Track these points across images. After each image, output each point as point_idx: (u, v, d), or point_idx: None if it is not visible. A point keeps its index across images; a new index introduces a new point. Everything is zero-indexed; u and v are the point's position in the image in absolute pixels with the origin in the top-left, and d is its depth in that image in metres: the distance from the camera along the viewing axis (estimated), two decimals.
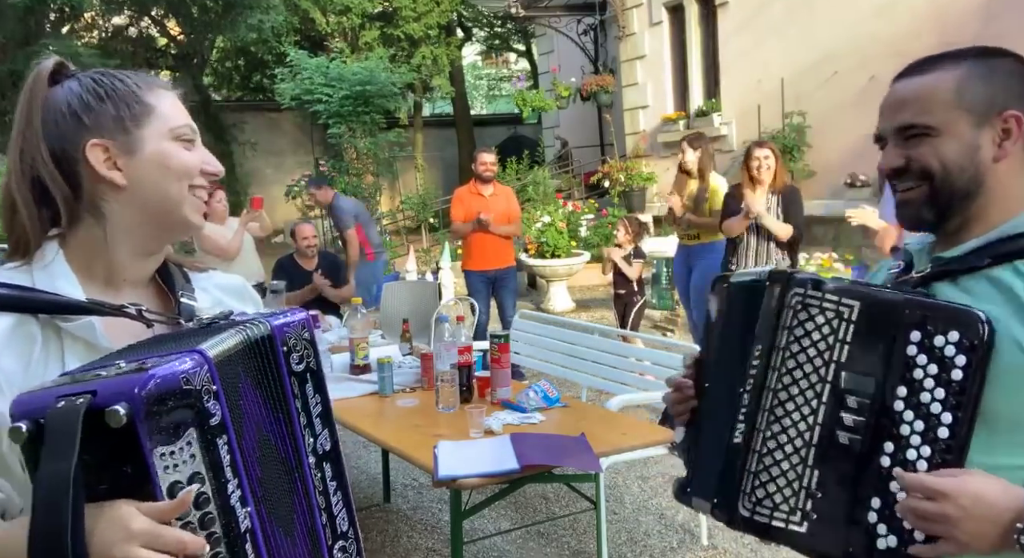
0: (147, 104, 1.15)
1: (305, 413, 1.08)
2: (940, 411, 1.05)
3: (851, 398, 1.10)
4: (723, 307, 1.30)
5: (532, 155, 14.22)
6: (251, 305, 1.32)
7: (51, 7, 13.77)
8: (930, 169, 1.15)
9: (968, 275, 1.14)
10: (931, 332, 1.07)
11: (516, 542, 3.69)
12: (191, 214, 1.16)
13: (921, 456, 1.06)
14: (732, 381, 1.20)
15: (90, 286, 1.12)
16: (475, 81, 30.40)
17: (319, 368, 1.10)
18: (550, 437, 2.78)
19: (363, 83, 11.92)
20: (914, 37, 7.47)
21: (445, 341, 3.28)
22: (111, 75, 1.17)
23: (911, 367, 1.07)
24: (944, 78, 1.16)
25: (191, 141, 1.17)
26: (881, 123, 1.21)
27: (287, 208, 14.61)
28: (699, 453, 1.28)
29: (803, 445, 1.11)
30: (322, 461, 1.09)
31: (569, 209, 10.36)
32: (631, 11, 11.78)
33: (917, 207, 1.17)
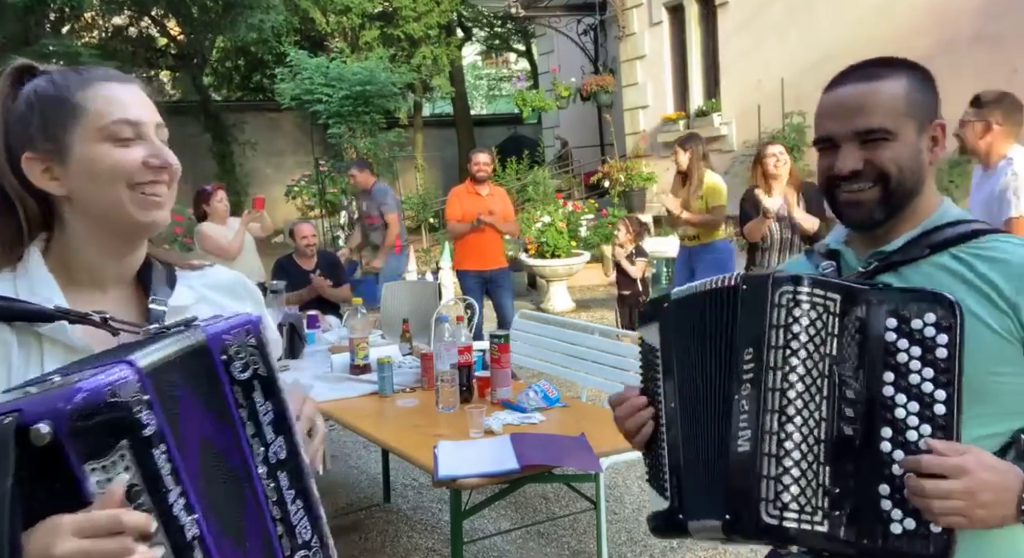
0: (74, 105, 1.10)
1: (253, 422, 1.04)
2: (932, 390, 1.09)
3: (847, 390, 1.12)
4: (671, 326, 1.28)
5: (532, 155, 14.22)
6: (249, 302, 1.30)
7: (51, 7, 13.76)
8: (888, 172, 1.22)
9: (908, 265, 1.24)
10: (907, 317, 1.11)
11: (516, 542, 3.69)
12: (138, 214, 1.11)
13: (922, 435, 1.08)
14: (717, 391, 1.18)
15: (75, 288, 1.13)
16: (475, 81, 30.40)
17: (270, 373, 1.05)
18: (550, 437, 2.77)
19: (363, 83, 11.92)
20: (914, 37, 7.47)
21: (445, 341, 3.28)
22: (52, 76, 1.13)
23: (893, 352, 1.11)
24: (895, 86, 1.24)
25: (128, 138, 1.11)
26: (831, 126, 1.25)
27: (287, 208, 14.60)
28: (686, 474, 1.23)
29: (814, 442, 1.10)
30: (275, 470, 1.05)
31: (569, 209, 10.36)
32: (631, 11, 11.78)
33: (870, 208, 1.24)
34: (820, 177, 1.30)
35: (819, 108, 1.28)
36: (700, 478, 1.20)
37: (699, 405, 1.22)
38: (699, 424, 1.22)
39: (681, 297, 1.28)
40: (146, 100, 1.16)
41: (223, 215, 5.74)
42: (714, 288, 1.22)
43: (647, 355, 1.34)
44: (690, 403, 1.24)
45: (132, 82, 1.16)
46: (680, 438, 1.25)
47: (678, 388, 1.27)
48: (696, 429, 1.22)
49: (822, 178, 1.29)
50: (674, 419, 1.26)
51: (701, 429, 1.21)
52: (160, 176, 1.13)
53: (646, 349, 1.34)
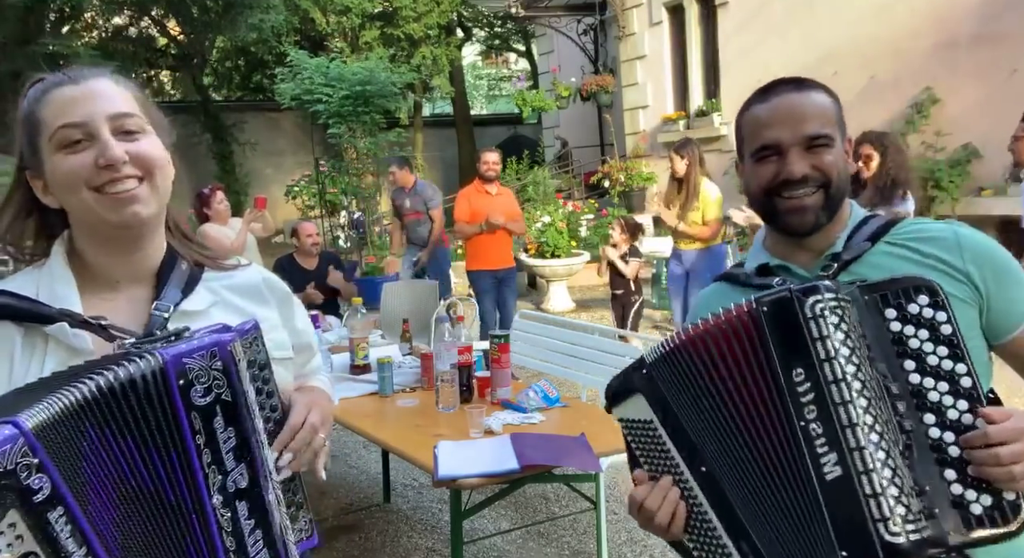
0: (37, 119, 1.11)
1: (210, 450, 1.00)
2: (952, 366, 1.09)
3: (891, 385, 1.09)
4: (663, 390, 1.19)
5: (532, 155, 14.22)
6: (274, 302, 1.29)
7: (51, 7, 13.76)
8: (831, 176, 1.27)
9: (856, 262, 1.27)
10: (902, 304, 1.12)
11: (516, 542, 3.69)
12: (108, 214, 1.10)
13: (961, 411, 1.08)
14: (769, 426, 1.10)
15: (93, 287, 1.14)
16: (475, 81, 30.40)
17: (236, 398, 1.02)
18: (550, 437, 2.77)
19: (363, 83, 11.90)
20: (913, 37, 7.48)
21: (445, 341, 3.28)
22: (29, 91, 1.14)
23: (904, 340, 1.11)
24: (823, 97, 1.31)
25: (77, 141, 1.09)
26: (778, 134, 1.27)
27: (287, 208, 14.59)
28: (761, 535, 1.12)
29: (890, 446, 1.05)
30: (234, 499, 1.01)
31: (569, 209, 10.36)
32: (631, 11, 11.78)
33: (815, 212, 1.27)
34: (758, 188, 1.30)
35: (754, 119, 1.31)
36: (783, 529, 1.10)
37: (745, 453, 1.12)
38: (754, 474, 1.12)
39: (661, 355, 1.20)
40: (102, 93, 1.11)
41: (224, 216, 5.74)
42: (717, 324, 1.14)
43: (639, 433, 1.24)
44: (729, 457, 1.14)
45: (90, 78, 1.13)
46: (734, 499, 1.14)
47: (703, 448, 1.16)
48: (752, 481, 1.12)
49: (762, 187, 1.30)
50: (713, 483, 1.16)
51: (760, 478, 1.12)
52: (117, 172, 1.09)
53: (635, 428, 1.24)
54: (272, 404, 1.12)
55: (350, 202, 12.45)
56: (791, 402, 1.08)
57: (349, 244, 12.09)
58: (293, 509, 1.13)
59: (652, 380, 1.21)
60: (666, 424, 1.20)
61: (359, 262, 11.22)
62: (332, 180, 12.65)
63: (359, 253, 11.66)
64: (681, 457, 1.19)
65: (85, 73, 1.13)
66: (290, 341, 1.30)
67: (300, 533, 1.14)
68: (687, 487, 1.19)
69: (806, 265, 1.32)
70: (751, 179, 1.33)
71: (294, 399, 1.18)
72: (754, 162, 1.31)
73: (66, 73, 1.14)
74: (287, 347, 1.28)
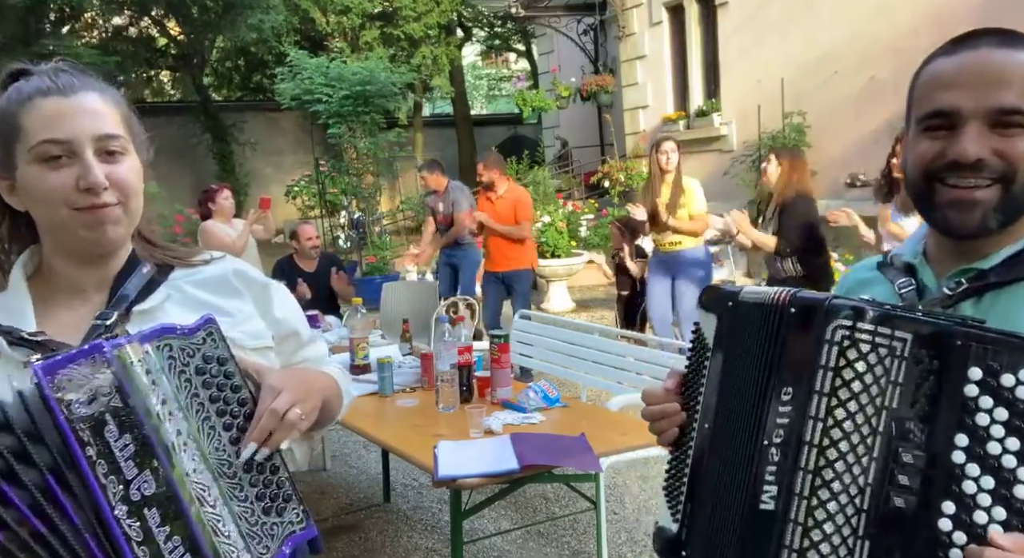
0: (15, 124, 1.07)
1: (106, 460, 0.95)
2: (1015, 465, 0.85)
3: (905, 452, 0.90)
4: (728, 330, 1.07)
5: (532, 155, 14.22)
6: (246, 295, 1.26)
7: (51, 7, 13.78)
8: (1016, 168, 0.95)
9: (1006, 288, 0.99)
10: (996, 369, 0.86)
11: (516, 542, 3.69)
12: (85, 233, 1.10)
13: (994, 519, 0.85)
14: (747, 427, 1.01)
15: (60, 295, 1.14)
16: (475, 81, 30.40)
17: (127, 402, 0.97)
18: (550, 437, 2.77)
19: (363, 83, 11.91)
20: (914, 37, 7.47)
21: (445, 341, 3.28)
22: (10, 90, 1.10)
23: (972, 411, 0.87)
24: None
25: (57, 157, 1.06)
26: (956, 98, 0.96)
27: (287, 208, 14.60)
28: (700, 509, 1.07)
29: (854, 512, 0.91)
30: (141, 508, 0.96)
31: (569, 209, 10.37)
32: (631, 11, 11.78)
33: (984, 211, 0.97)
34: (917, 168, 1.01)
35: (933, 75, 1.00)
36: (715, 522, 1.04)
37: (733, 434, 1.04)
38: (729, 456, 1.03)
39: (746, 300, 1.05)
40: (90, 110, 1.09)
41: (228, 213, 5.75)
42: (768, 303, 1.00)
43: (698, 349, 1.12)
44: (725, 427, 1.06)
45: (80, 91, 1.09)
46: (707, 463, 1.07)
47: (716, 408, 1.07)
48: (725, 461, 1.04)
49: (921, 168, 1.00)
50: (705, 441, 1.08)
51: (730, 463, 1.03)
52: (97, 197, 1.08)
53: (699, 341, 1.12)
54: (240, 398, 1.08)
55: (350, 202, 12.45)
56: (767, 417, 0.97)
57: (349, 244, 12.09)
58: (280, 502, 1.10)
59: (728, 315, 1.07)
60: (712, 362, 1.09)
61: (359, 262, 11.22)
62: (332, 180, 12.66)
63: (359, 253, 11.66)
64: (703, 401, 1.09)
65: (75, 84, 1.10)
66: (269, 331, 1.28)
67: (289, 526, 1.10)
68: (693, 422, 1.11)
69: (944, 274, 1.04)
70: (910, 155, 1.02)
71: (265, 384, 1.12)
72: (919, 131, 1.00)
73: (54, 79, 1.09)
74: (263, 336, 1.26)
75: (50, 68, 1.12)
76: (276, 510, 1.09)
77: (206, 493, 1.02)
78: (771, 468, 0.95)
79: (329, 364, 1.42)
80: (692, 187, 5.48)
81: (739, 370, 1.04)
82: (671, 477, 1.14)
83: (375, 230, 12.39)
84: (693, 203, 5.45)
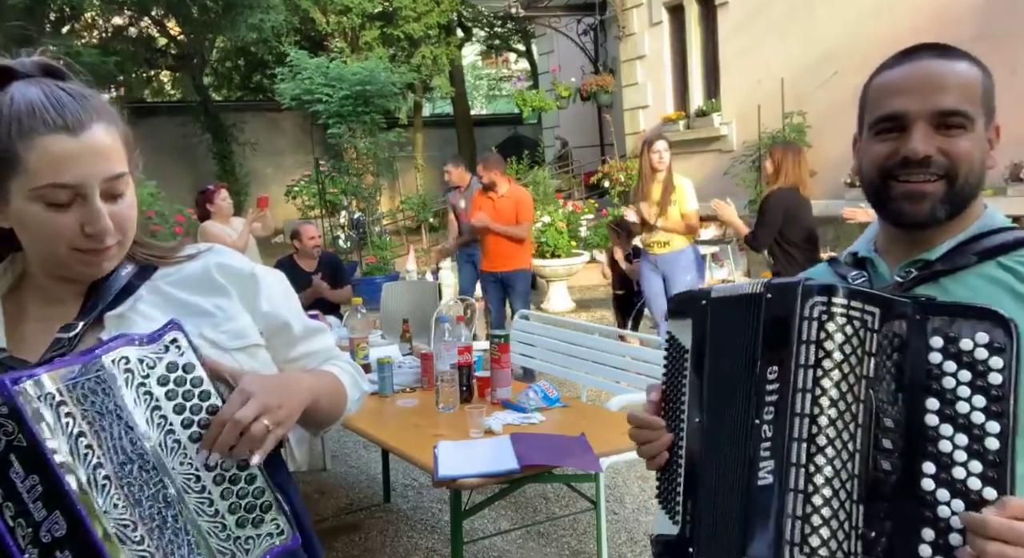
0: (13, 156, 1.00)
1: (14, 501, 0.92)
2: (984, 420, 0.94)
3: (885, 417, 0.98)
4: (707, 328, 1.13)
5: (532, 155, 14.22)
6: (230, 291, 1.19)
7: (51, 7, 13.78)
8: (958, 165, 1.07)
9: (951, 276, 1.10)
10: (955, 336, 0.96)
11: (516, 542, 3.69)
12: (79, 267, 1.08)
13: (971, 472, 0.93)
14: (738, 413, 1.05)
15: (40, 304, 1.12)
16: (475, 81, 30.41)
17: (33, 440, 0.92)
18: (550, 437, 2.77)
19: (363, 83, 11.91)
20: (914, 37, 7.44)
21: (445, 341, 3.28)
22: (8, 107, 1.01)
23: (938, 376, 0.97)
24: (974, 72, 1.10)
25: (63, 203, 1.02)
26: (905, 102, 1.08)
27: (287, 208, 14.60)
28: (702, 503, 1.10)
29: (847, 477, 0.97)
30: (53, 550, 0.93)
31: (569, 209, 10.37)
32: (631, 11, 11.78)
33: (933, 203, 1.08)
34: (872, 167, 1.12)
35: (881, 85, 1.12)
36: (718, 510, 1.07)
37: (723, 424, 1.08)
38: (723, 447, 1.08)
39: (721, 296, 1.13)
40: (99, 150, 1.03)
41: (226, 214, 5.75)
42: (744, 294, 1.08)
43: (675, 355, 1.19)
44: (715, 421, 1.11)
45: (88, 126, 1.02)
46: (701, 459, 1.12)
47: (707, 402, 1.12)
48: (719, 452, 1.08)
49: (876, 167, 1.11)
50: (696, 436, 1.13)
51: (724, 453, 1.07)
52: (101, 243, 1.05)
53: (675, 347, 1.19)
54: (210, 406, 1.04)
55: (350, 202, 12.44)
56: (755, 396, 1.02)
57: (349, 244, 12.09)
58: (256, 513, 1.05)
59: (705, 314, 1.14)
60: (694, 362, 1.15)
61: (359, 262, 11.22)
62: (332, 180, 12.66)
63: (359, 253, 11.66)
64: (690, 399, 1.15)
65: (81, 117, 1.02)
66: (256, 327, 1.20)
67: (268, 538, 1.05)
68: (680, 425, 1.16)
69: (895, 266, 1.15)
70: (865, 156, 1.14)
71: (236, 390, 1.07)
72: (872, 135, 1.12)
73: (60, 111, 1.01)
74: (249, 335, 1.18)
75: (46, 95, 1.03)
76: (252, 522, 1.05)
77: (129, 530, 0.97)
78: (765, 444, 1.00)
79: (337, 359, 1.33)
80: (683, 186, 5.46)
81: (724, 362, 1.10)
82: (664, 482, 1.18)
83: (375, 230, 12.40)
84: (684, 202, 5.43)
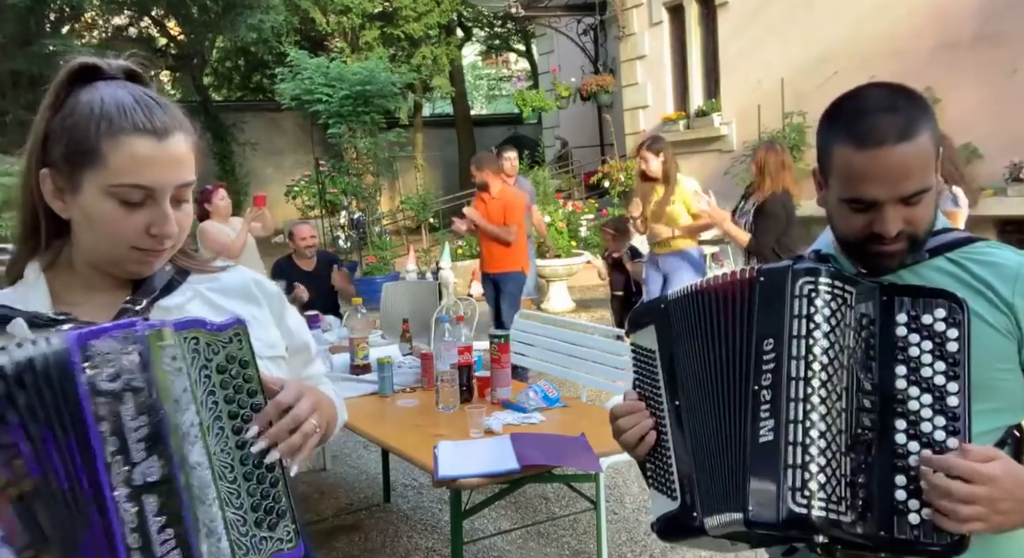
0: (95, 151, 1.06)
1: (117, 438, 0.93)
2: (944, 382, 1.12)
3: (865, 381, 1.14)
4: (676, 324, 1.28)
5: (532, 155, 14.22)
6: (263, 303, 1.28)
7: (51, 7, 13.78)
8: (919, 230, 1.22)
9: (906, 269, 1.26)
10: (917, 313, 1.15)
11: (516, 542, 3.69)
12: (132, 267, 1.12)
13: (936, 426, 1.11)
14: (732, 384, 1.19)
15: (70, 291, 1.14)
16: (475, 81, 30.40)
17: (150, 386, 0.96)
18: (550, 437, 2.77)
19: (363, 83, 11.91)
20: (914, 37, 7.48)
21: (445, 341, 3.28)
22: (92, 103, 1.07)
23: (904, 347, 1.14)
24: (926, 140, 1.18)
25: (136, 202, 1.07)
26: (876, 192, 1.18)
27: (287, 208, 14.60)
28: (698, 472, 1.22)
29: (837, 432, 1.12)
30: (141, 494, 0.94)
31: (569, 209, 10.36)
32: (631, 11, 11.77)
33: (900, 259, 1.24)
34: (847, 231, 1.24)
35: (848, 164, 1.20)
36: (716, 474, 1.19)
37: (710, 400, 1.22)
38: (711, 419, 1.21)
39: (680, 296, 1.29)
40: (178, 158, 1.09)
41: (225, 213, 5.74)
42: (726, 282, 1.23)
43: (642, 360, 1.34)
44: (699, 399, 1.24)
45: (172, 132, 1.09)
46: (689, 436, 1.25)
47: (682, 385, 1.26)
48: (708, 425, 1.22)
49: (851, 233, 1.24)
50: (679, 417, 1.26)
51: (714, 424, 1.21)
52: (162, 245, 1.11)
53: (641, 354, 1.34)
54: (254, 403, 1.07)
55: (350, 202, 12.44)
56: (753, 366, 1.16)
57: (349, 244, 12.09)
58: (273, 516, 1.06)
59: (666, 315, 1.30)
60: (663, 357, 1.30)
61: (359, 262, 11.22)
62: (332, 180, 12.66)
63: (359, 253, 11.66)
64: (665, 389, 1.29)
65: (167, 123, 1.08)
66: (283, 341, 1.30)
67: (278, 543, 1.06)
68: (660, 415, 1.29)
69: (856, 262, 1.29)
70: (839, 218, 1.26)
71: (287, 383, 1.12)
72: (844, 205, 1.23)
73: (149, 116, 1.07)
74: (279, 346, 1.28)
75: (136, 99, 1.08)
76: (268, 524, 1.06)
77: (208, 491, 0.99)
78: (764, 406, 1.14)
79: (326, 385, 1.42)
80: (687, 188, 5.41)
81: (700, 345, 1.24)
82: (654, 467, 1.31)
83: (375, 230, 12.40)
84: (690, 202, 5.38)
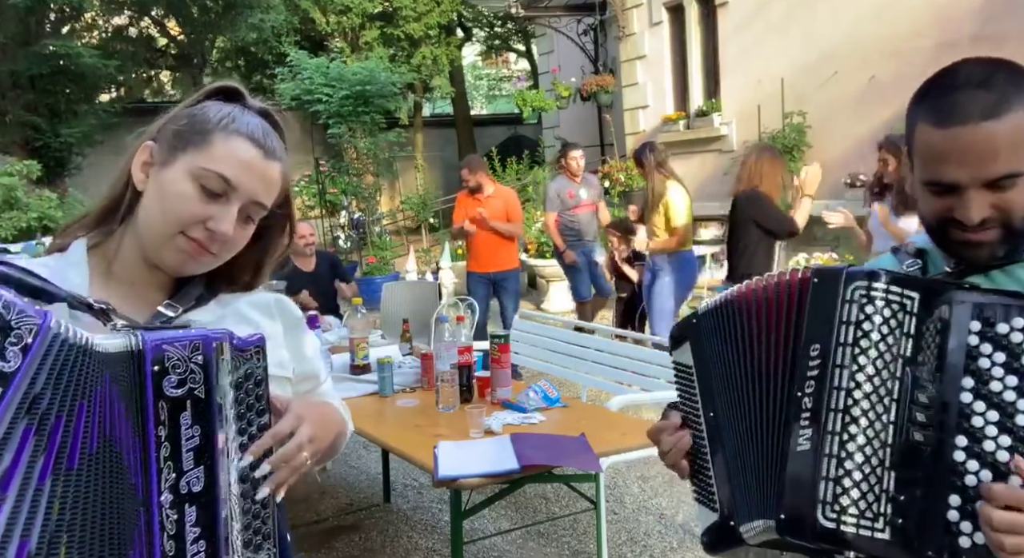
0: (205, 135, 1.11)
1: (171, 444, 0.95)
2: (1015, 399, 1.02)
3: (921, 394, 1.06)
4: (709, 336, 1.24)
5: (532, 155, 14.22)
6: (278, 322, 1.27)
7: (51, 7, 13.77)
8: (1012, 216, 1.10)
9: (1001, 269, 1.16)
10: (992, 320, 1.04)
11: (516, 542, 3.69)
12: (175, 258, 1.12)
13: (1000, 446, 1.02)
14: (772, 391, 1.15)
15: (108, 281, 1.15)
16: (475, 81, 30.40)
17: (209, 397, 0.97)
18: (550, 437, 2.77)
19: (363, 83, 11.91)
20: (914, 37, 7.47)
21: (445, 341, 3.28)
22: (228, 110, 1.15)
23: (975, 357, 1.04)
24: (1017, 117, 1.07)
25: (212, 191, 1.10)
26: (957, 174, 1.09)
27: None
28: (736, 481, 1.19)
29: (880, 446, 1.06)
30: (184, 502, 0.95)
31: None
32: (631, 11, 11.77)
33: (992, 248, 1.13)
34: (930, 215, 1.16)
35: (929, 146, 1.11)
36: (753, 482, 1.17)
37: (747, 409, 1.19)
38: (749, 428, 1.18)
39: (711, 308, 1.26)
40: (269, 181, 1.15)
41: None
42: (772, 284, 1.18)
43: (682, 377, 1.30)
44: (735, 409, 1.20)
45: (276, 156, 1.16)
46: (727, 446, 1.21)
47: (718, 395, 1.23)
48: (745, 434, 1.19)
49: (934, 217, 1.15)
50: (717, 428, 1.23)
51: (752, 433, 1.18)
52: (210, 244, 1.12)
53: (681, 371, 1.31)
54: (262, 422, 1.07)
55: (350, 202, 12.44)
56: (797, 372, 1.12)
57: (349, 244, 12.09)
58: (259, 538, 1.06)
59: (698, 328, 1.27)
60: (699, 370, 1.26)
61: (359, 262, 11.22)
62: (332, 180, 12.66)
63: (359, 253, 11.66)
64: (701, 401, 1.25)
65: (276, 151, 1.17)
66: (292, 364, 1.29)
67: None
68: (699, 429, 1.26)
69: (949, 256, 1.20)
70: (921, 201, 1.17)
71: (289, 408, 1.12)
72: (925, 188, 1.15)
73: (267, 137, 1.16)
74: (286, 367, 1.27)
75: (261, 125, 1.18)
76: (254, 546, 1.06)
77: (232, 505, 1.01)
78: (805, 414, 1.09)
79: (335, 398, 1.42)
80: (672, 199, 5.34)
81: (735, 353, 1.20)
82: (698, 482, 1.27)
83: (375, 230, 12.40)
84: (674, 217, 5.33)
